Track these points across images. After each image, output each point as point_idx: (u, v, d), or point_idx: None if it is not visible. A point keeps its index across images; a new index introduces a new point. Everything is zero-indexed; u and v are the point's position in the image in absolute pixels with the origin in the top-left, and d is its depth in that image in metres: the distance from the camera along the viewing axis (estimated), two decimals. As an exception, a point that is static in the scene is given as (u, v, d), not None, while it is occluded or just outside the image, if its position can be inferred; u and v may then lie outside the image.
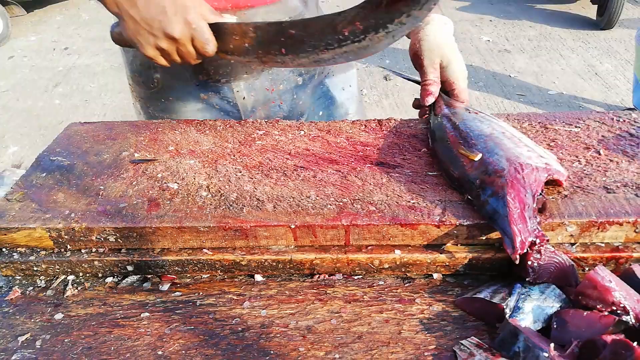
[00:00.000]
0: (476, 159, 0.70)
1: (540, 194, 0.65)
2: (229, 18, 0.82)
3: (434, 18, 0.91)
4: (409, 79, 1.09)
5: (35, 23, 5.37)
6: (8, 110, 3.74)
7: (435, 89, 0.91)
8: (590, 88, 3.71)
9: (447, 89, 0.93)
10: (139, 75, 1.04)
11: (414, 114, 0.98)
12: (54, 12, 5.64)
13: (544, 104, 3.51)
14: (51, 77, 4.23)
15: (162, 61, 0.82)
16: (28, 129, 3.49)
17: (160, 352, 0.60)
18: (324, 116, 1.16)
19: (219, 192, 0.73)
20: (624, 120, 0.86)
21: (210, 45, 0.80)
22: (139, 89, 1.07)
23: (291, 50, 0.77)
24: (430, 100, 0.90)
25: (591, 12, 4.69)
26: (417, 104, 0.95)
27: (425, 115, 0.93)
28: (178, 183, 0.76)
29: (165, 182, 0.76)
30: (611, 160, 0.76)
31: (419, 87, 0.93)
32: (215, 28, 0.80)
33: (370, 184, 0.74)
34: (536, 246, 0.60)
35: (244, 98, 1.04)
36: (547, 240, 0.61)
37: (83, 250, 0.70)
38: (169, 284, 0.69)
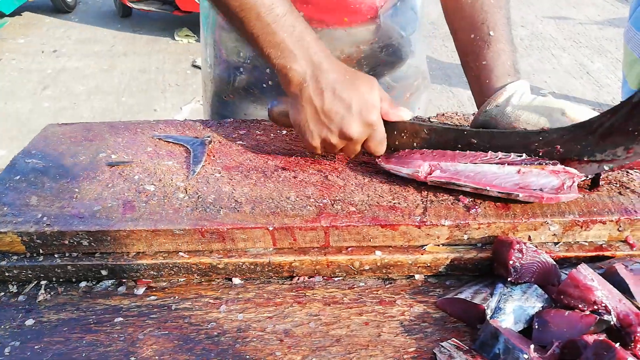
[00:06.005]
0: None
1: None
2: (404, 111, 0.74)
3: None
4: None
5: (23, 25, 5.33)
6: (-4, 114, 3.70)
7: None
8: (582, 87, 3.72)
9: None
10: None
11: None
12: (42, 14, 5.59)
13: (535, 103, 3.51)
14: (40, 80, 4.19)
15: (318, 152, 0.74)
16: (16, 132, 3.45)
17: (132, 358, 0.58)
18: None
19: (197, 193, 0.72)
20: (609, 117, 0.85)
21: (382, 147, 0.74)
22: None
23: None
24: None
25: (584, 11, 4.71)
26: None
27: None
28: (155, 185, 0.74)
29: (141, 184, 0.74)
30: (595, 158, 0.75)
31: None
32: (387, 125, 0.74)
33: (352, 184, 0.73)
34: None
35: None
36: None
37: (56, 255, 0.68)
38: (144, 288, 0.68)
